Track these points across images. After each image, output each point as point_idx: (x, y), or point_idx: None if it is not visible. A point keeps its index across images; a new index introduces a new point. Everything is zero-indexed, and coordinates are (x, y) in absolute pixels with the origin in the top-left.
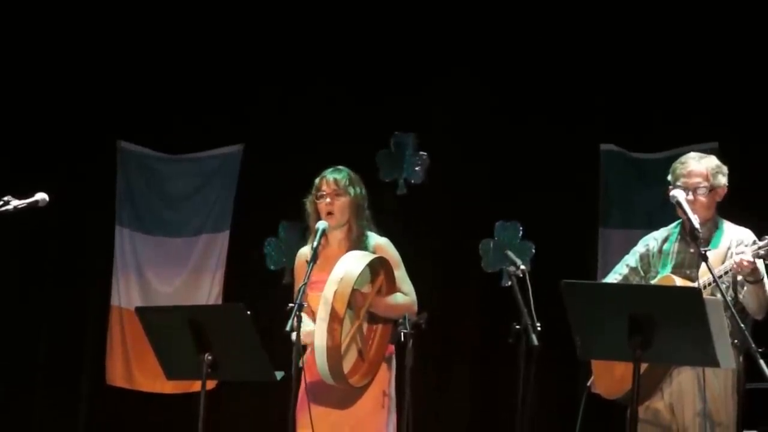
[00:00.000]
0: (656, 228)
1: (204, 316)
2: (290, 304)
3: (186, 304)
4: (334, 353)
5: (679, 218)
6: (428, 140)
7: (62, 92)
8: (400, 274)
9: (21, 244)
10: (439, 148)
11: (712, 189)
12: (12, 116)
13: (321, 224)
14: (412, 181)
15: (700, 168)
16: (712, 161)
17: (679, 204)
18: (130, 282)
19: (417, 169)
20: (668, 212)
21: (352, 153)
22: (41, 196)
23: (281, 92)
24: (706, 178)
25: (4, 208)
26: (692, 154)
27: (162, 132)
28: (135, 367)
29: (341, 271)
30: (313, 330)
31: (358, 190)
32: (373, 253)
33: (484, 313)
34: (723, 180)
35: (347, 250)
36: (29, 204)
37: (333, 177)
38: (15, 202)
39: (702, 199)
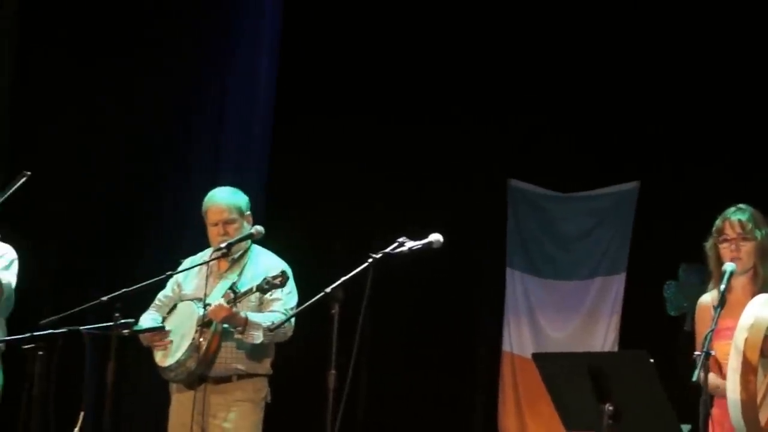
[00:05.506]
0: None
1: (604, 363)
2: (696, 352)
3: (583, 351)
4: (750, 406)
5: None
6: None
7: (455, 131)
8: None
9: (410, 287)
10: None
11: None
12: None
13: (729, 266)
14: None
15: None
16: None
17: None
18: (521, 327)
19: None
20: None
21: (752, 189)
22: (436, 237)
23: (675, 128)
24: None
25: (399, 250)
26: None
27: (552, 169)
28: (528, 417)
29: (750, 317)
30: (716, 382)
31: (764, 232)
32: None
33: None
34: None
35: (752, 296)
36: (424, 245)
37: (738, 219)
38: (410, 244)
39: None
